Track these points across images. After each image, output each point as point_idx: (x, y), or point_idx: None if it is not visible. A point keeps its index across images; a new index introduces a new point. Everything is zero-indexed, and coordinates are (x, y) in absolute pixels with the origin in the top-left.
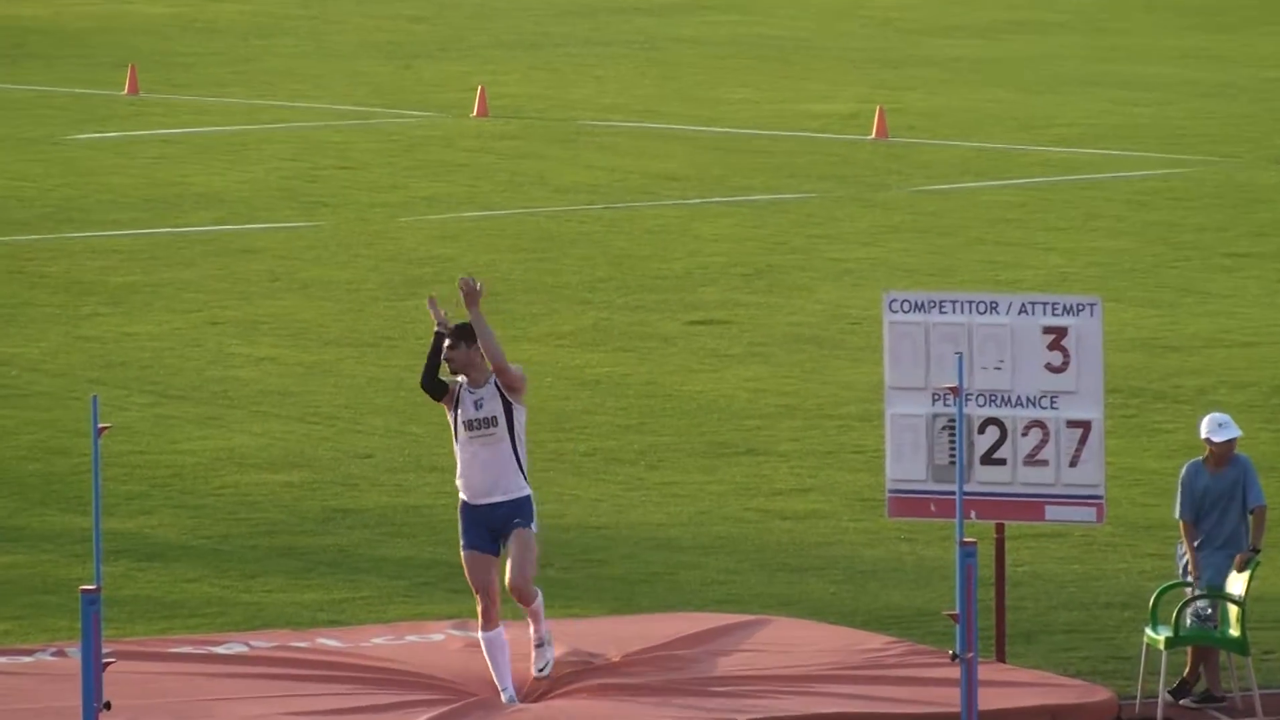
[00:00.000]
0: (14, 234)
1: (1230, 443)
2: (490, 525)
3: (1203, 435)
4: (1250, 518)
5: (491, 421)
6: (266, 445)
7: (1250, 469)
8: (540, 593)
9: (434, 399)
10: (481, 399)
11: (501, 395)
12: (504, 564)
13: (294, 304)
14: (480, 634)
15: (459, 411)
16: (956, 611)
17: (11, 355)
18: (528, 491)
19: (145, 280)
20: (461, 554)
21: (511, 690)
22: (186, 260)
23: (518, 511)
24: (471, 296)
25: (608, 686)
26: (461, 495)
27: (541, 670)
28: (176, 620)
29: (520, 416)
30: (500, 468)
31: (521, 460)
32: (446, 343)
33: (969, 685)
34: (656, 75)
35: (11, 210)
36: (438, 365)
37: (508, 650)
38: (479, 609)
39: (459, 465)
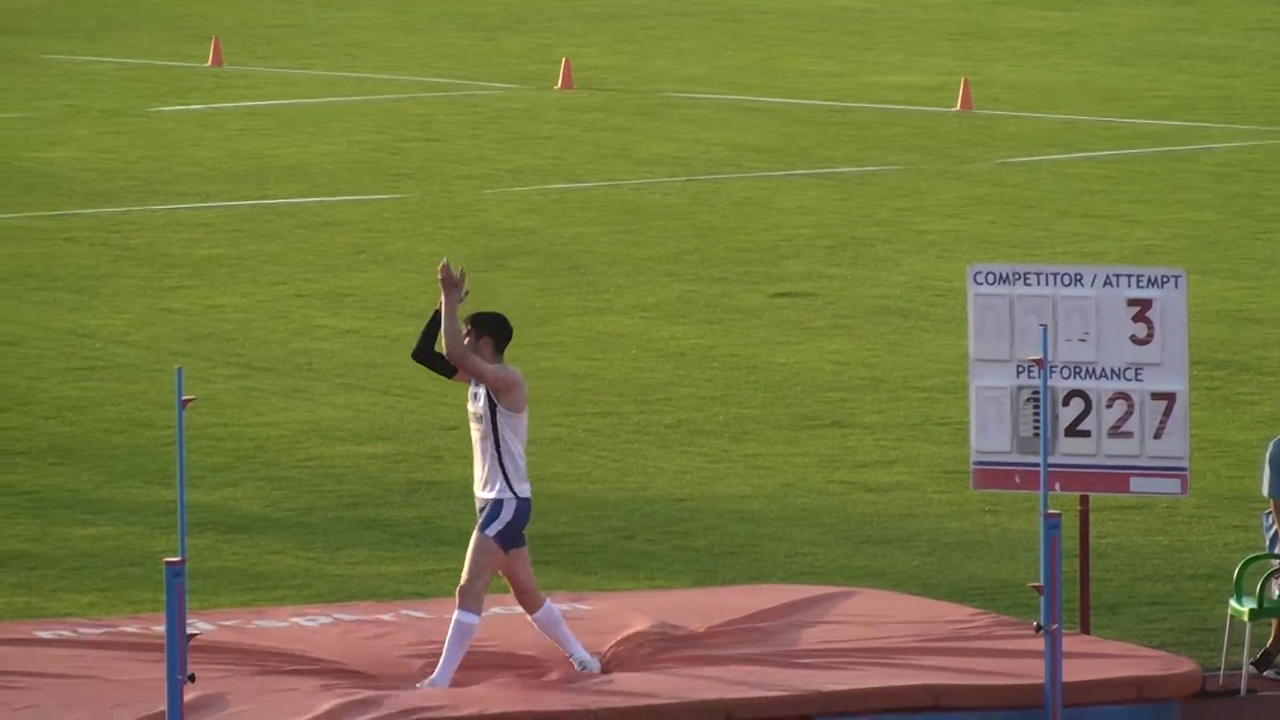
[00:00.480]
0: (99, 206)
1: None
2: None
3: None
4: None
5: (479, 418)
6: (351, 417)
7: None
8: (546, 602)
9: (437, 373)
10: (477, 393)
11: (488, 394)
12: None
13: (379, 276)
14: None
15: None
16: (1041, 583)
17: (97, 328)
18: (503, 496)
19: (230, 253)
20: None
21: (584, 654)
22: (271, 233)
23: (485, 512)
24: (449, 284)
25: (689, 658)
26: None
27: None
28: (261, 592)
29: (507, 419)
30: (485, 464)
31: (505, 463)
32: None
33: (1053, 657)
34: (739, 47)
35: (96, 183)
36: (433, 337)
37: (562, 623)
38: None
39: None
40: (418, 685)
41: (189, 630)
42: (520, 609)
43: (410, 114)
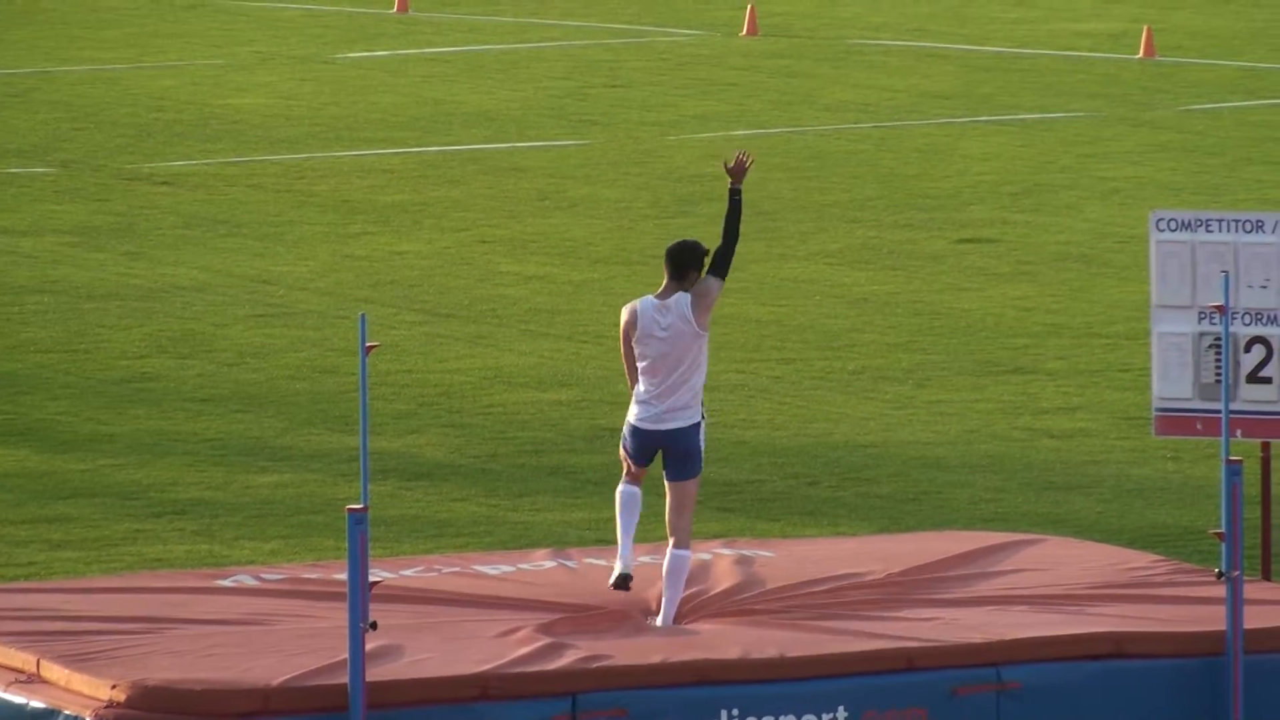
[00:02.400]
0: (284, 153)
1: None
2: None
3: None
4: None
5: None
6: (535, 364)
7: None
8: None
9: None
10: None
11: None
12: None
13: (563, 222)
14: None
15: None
16: (1222, 530)
17: (280, 274)
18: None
19: (414, 199)
20: None
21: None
22: (455, 179)
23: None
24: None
25: (870, 602)
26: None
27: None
28: (444, 539)
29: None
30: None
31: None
32: None
33: (1235, 603)
34: None
35: (281, 129)
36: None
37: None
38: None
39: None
40: (649, 622)
41: (371, 578)
42: (706, 556)
43: (596, 60)
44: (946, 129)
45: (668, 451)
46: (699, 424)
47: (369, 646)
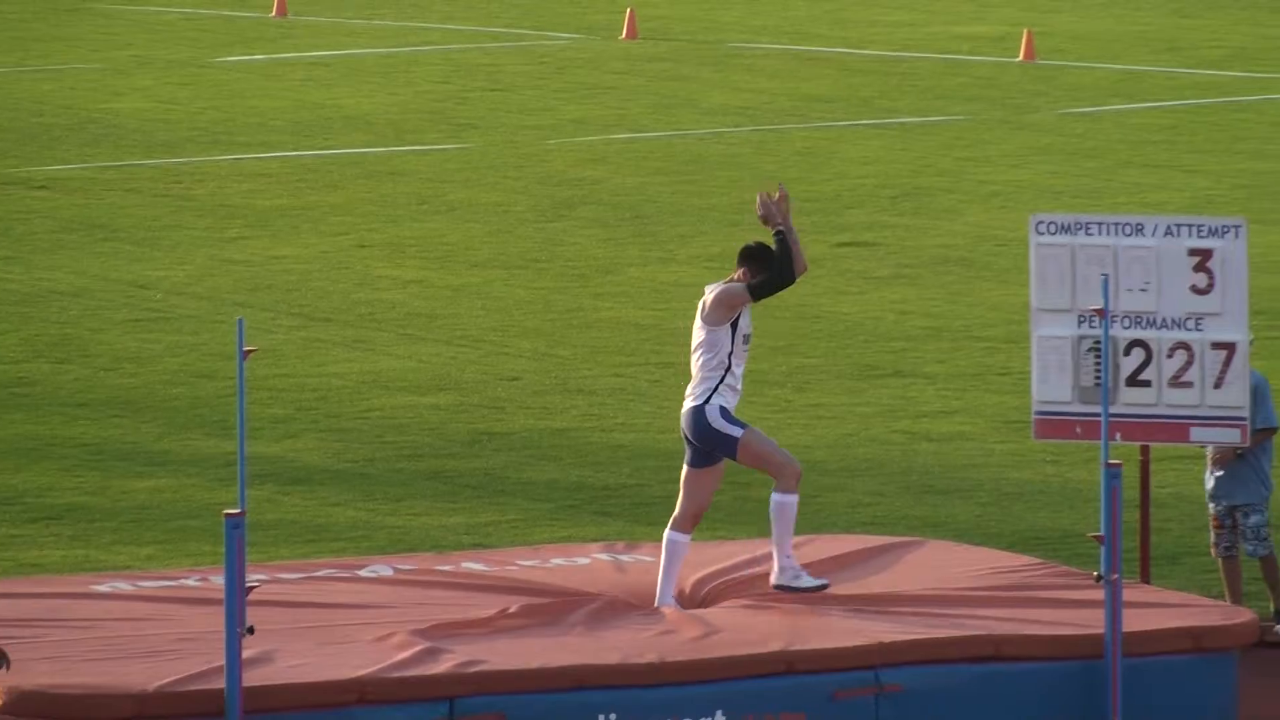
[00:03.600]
0: (161, 157)
1: None
2: None
3: None
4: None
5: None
6: (413, 368)
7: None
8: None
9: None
10: (748, 317)
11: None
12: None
13: (442, 226)
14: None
15: (740, 325)
16: (1101, 533)
17: (158, 278)
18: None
19: (292, 203)
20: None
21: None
22: (334, 183)
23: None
24: (772, 217)
25: (749, 608)
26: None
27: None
28: (321, 544)
29: None
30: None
31: None
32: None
33: (1113, 607)
34: None
35: (159, 133)
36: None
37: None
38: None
39: (738, 379)
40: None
41: (248, 583)
42: (585, 560)
43: (475, 64)
44: (826, 132)
45: (690, 438)
46: (703, 405)
47: (246, 652)
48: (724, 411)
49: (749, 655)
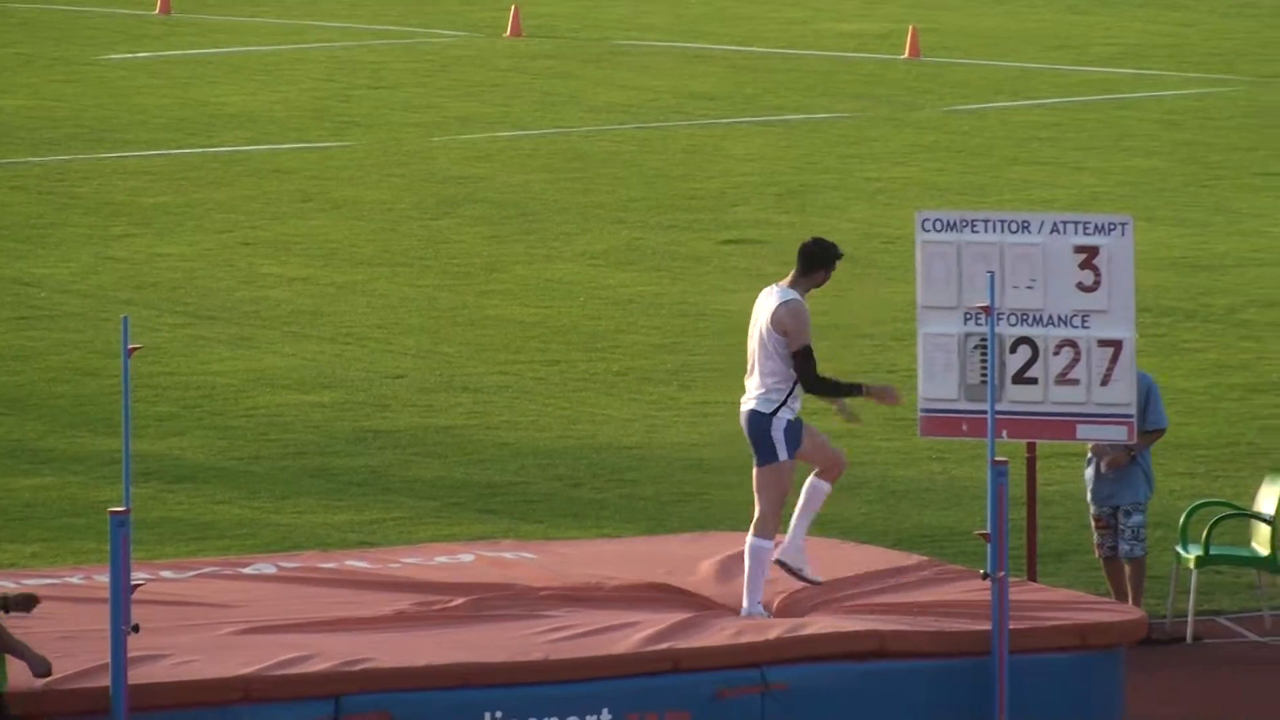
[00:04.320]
0: (46, 154)
1: None
2: None
3: None
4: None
5: None
6: (298, 366)
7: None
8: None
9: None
10: None
11: None
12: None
13: (326, 224)
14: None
15: None
16: (988, 531)
17: (42, 276)
18: None
19: (177, 201)
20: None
21: (758, 608)
22: (218, 180)
23: None
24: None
25: (633, 605)
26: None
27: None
28: (206, 542)
29: None
30: None
31: None
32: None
33: (1000, 604)
34: None
35: (43, 130)
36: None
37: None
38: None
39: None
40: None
41: (133, 581)
42: (468, 557)
43: (360, 61)
44: (711, 130)
45: (746, 434)
46: (770, 414)
47: (131, 650)
48: (789, 428)
49: (634, 654)
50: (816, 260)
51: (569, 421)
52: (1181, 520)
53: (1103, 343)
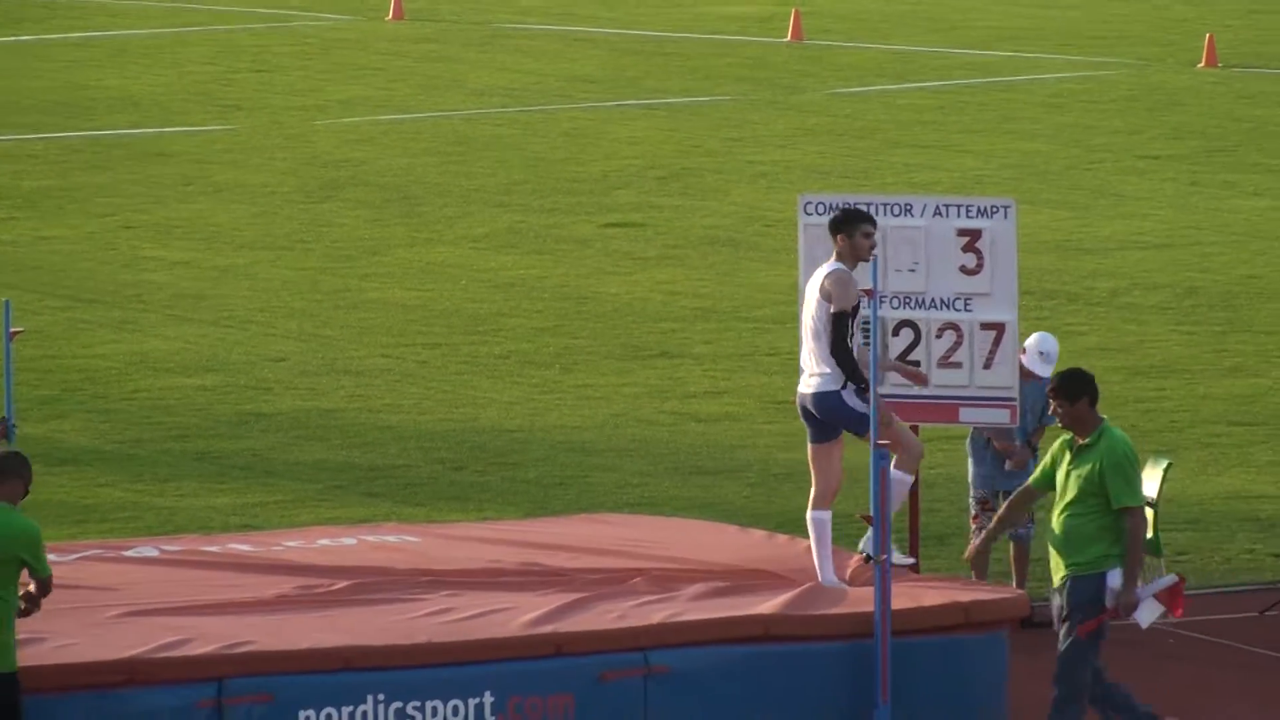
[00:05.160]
0: None
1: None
2: None
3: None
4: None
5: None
6: (180, 349)
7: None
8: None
9: None
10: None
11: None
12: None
13: (208, 207)
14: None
15: (858, 312)
16: (870, 514)
17: None
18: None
19: (59, 184)
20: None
21: (832, 576)
22: (100, 164)
23: None
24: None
25: (519, 587)
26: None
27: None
28: (89, 525)
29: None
30: None
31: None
32: None
33: (883, 587)
34: None
35: None
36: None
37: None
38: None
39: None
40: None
41: None
42: (351, 541)
43: (241, 45)
44: (593, 113)
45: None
46: (839, 389)
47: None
48: (858, 392)
49: (517, 637)
50: (833, 228)
51: (451, 405)
52: None
53: (985, 326)
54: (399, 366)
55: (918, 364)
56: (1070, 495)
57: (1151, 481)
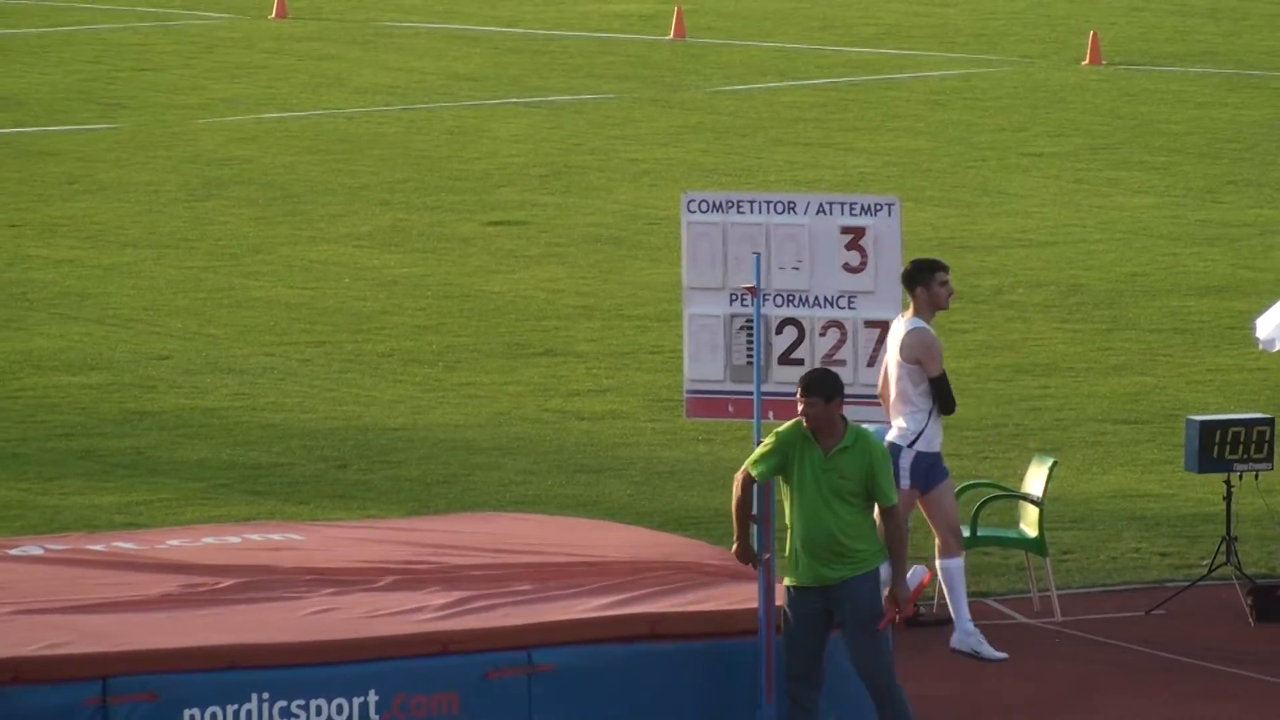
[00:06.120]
0: None
1: None
2: None
3: None
4: None
5: None
6: (65, 347)
7: None
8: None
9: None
10: None
11: None
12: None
13: (92, 205)
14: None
15: None
16: (754, 512)
17: None
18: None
19: None
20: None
21: (969, 625)
22: None
23: None
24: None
25: (401, 585)
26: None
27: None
28: None
29: None
30: None
31: None
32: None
33: (767, 585)
34: None
35: None
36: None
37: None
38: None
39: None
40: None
41: None
42: (235, 539)
43: (125, 44)
44: (476, 111)
45: None
46: (905, 446)
47: None
48: (917, 459)
49: (402, 635)
50: (907, 280)
51: (335, 403)
52: None
53: (869, 324)
54: (283, 365)
55: (801, 362)
56: (828, 495)
57: (1037, 480)
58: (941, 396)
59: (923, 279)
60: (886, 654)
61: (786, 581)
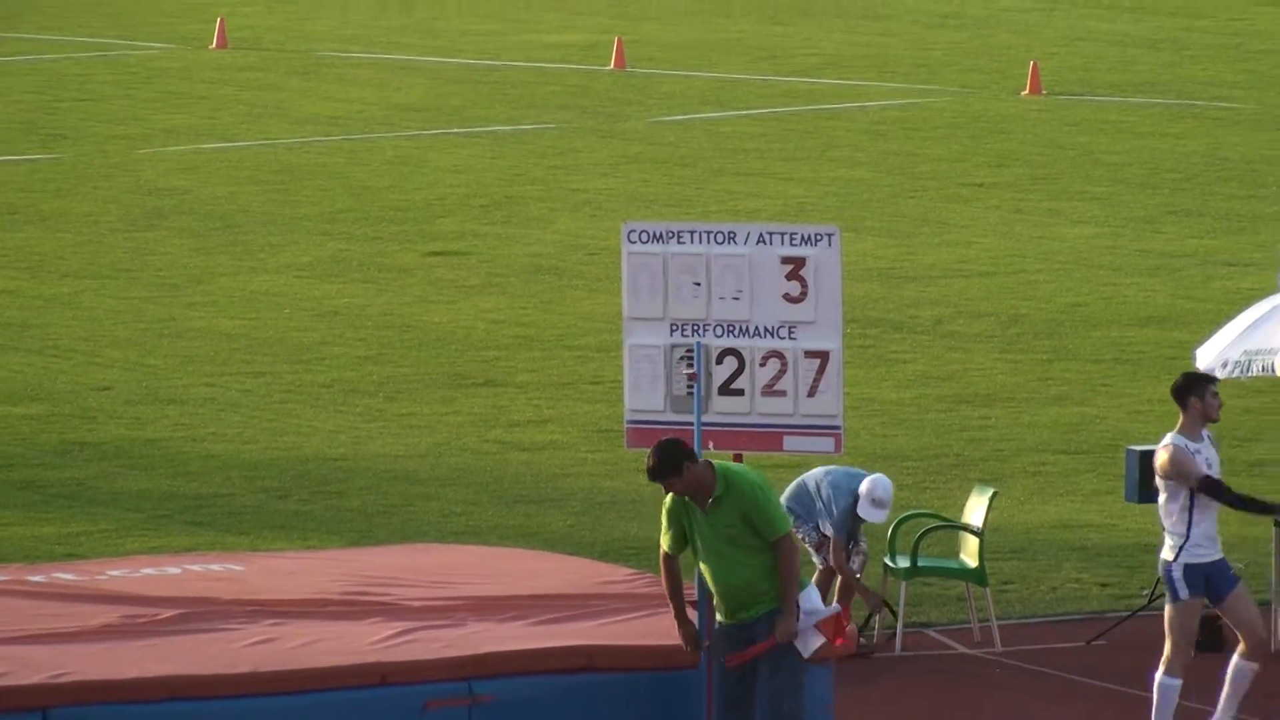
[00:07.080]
0: None
1: None
2: None
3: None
4: None
5: None
6: (4, 378)
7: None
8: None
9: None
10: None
11: None
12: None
13: (32, 236)
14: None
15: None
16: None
17: None
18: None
19: None
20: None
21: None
22: None
23: None
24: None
25: (341, 616)
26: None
27: None
28: None
29: None
30: None
31: None
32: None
33: (707, 616)
34: (398, 7)
35: None
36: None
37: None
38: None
39: (1206, 526)
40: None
41: None
42: (175, 570)
43: (66, 74)
44: (416, 141)
45: None
46: (1172, 560)
47: None
48: (1187, 571)
49: (342, 666)
50: (1179, 393)
51: (275, 433)
52: (889, 532)
53: (810, 354)
54: (223, 395)
55: (741, 392)
56: (724, 547)
57: (977, 510)
58: (1217, 498)
59: (1197, 390)
60: (799, 686)
61: (716, 617)
